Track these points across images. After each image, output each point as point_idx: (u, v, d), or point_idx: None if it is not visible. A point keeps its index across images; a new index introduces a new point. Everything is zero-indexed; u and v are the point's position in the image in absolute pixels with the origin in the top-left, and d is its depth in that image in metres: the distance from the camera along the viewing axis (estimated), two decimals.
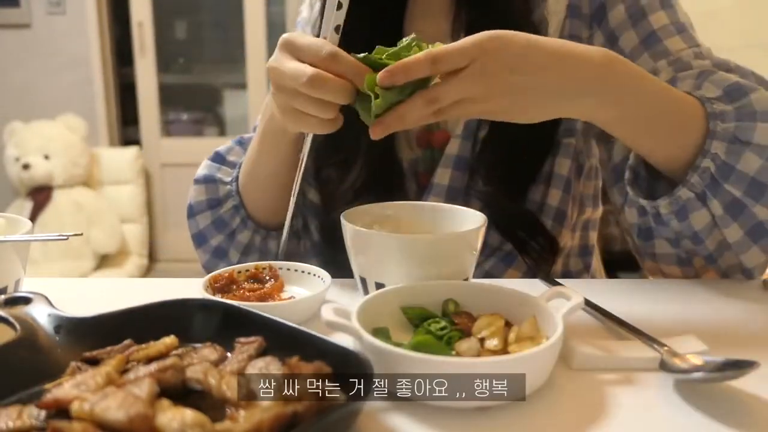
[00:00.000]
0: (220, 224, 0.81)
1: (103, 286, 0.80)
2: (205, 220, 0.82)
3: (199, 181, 0.83)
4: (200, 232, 0.83)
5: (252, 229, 0.81)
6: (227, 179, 0.82)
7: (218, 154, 0.85)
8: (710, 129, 0.62)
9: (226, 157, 0.84)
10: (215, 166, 0.83)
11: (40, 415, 0.37)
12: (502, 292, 0.54)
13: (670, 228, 0.67)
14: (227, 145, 0.86)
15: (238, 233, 0.81)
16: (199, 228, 0.83)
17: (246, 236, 0.81)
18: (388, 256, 0.58)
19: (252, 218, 0.81)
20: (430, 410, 0.43)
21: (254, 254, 0.82)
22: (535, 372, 0.44)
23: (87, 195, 3.11)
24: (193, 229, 0.83)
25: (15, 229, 0.62)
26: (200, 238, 0.83)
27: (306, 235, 0.86)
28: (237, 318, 0.49)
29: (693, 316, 0.61)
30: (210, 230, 0.82)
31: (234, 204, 0.81)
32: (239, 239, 0.81)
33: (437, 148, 0.82)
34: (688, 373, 0.46)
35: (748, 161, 0.62)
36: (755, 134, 0.62)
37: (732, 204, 0.63)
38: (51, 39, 3.27)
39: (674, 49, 0.74)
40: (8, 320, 0.47)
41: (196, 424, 0.33)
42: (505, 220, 0.79)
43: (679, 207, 0.65)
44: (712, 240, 0.67)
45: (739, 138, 0.62)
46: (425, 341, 0.47)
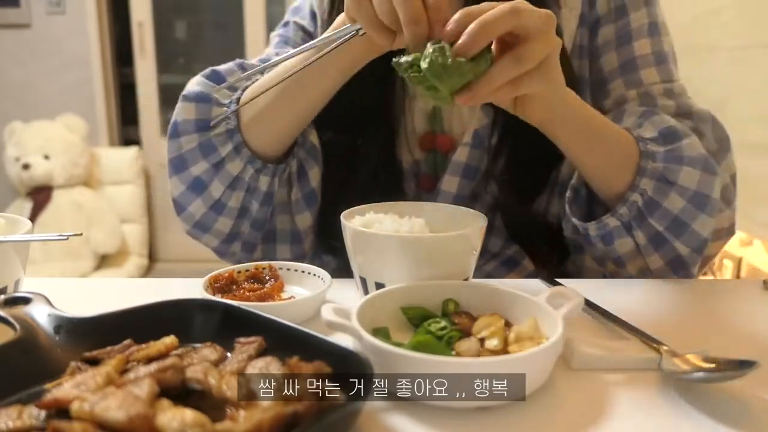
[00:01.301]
0: (208, 149, 0.72)
1: (103, 286, 0.80)
2: (190, 143, 0.72)
3: (189, 97, 0.73)
4: (181, 155, 0.73)
5: (246, 158, 0.72)
6: (224, 101, 0.73)
7: (216, 72, 0.76)
8: (641, 166, 0.67)
9: (226, 77, 0.75)
10: (211, 84, 0.74)
11: (40, 415, 0.37)
12: (502, 292, 0.54)
13: (597, 248, 0.72)
14: (227, 66, 0.77)
15: (227, 161, 0.72)
16: (181, 151, 0.73)
17: (236, 166, 0.72)
18: (388, 256, 0.58)
19: (248, 146, 0.72)
20: (430, 410, 0.43)
21: (240, 189, 0.74)
22: (535, 372, 0.44)
23: (87, 195, 3.11)
24: (172, 152, 0.74)
25: (15, 229, 0.62)
26: (179, 164, 0.74)
27: (300, 183, 0.78)
28: (237, 318, 0.49)
29: (693, 316, 0.61)
30: (194, 155, 0.73)
31: (228, 128, 0.72)
32: (228, 169, 0.72)
33: (440, 151, 0.82)
34: (688, 373, 0.46)
35: (673, 201, 0.67)
36: (680, 176, 0.67)
37: (655, 236, 0.69)
38: (51, 39, 3.27)
39: (647, 80, 0.77)
40: (8, 320, 0.47)
41: (196, 424, 0.33)
42: (516, 226, 0.79)
43: (605, 232, 0.70)
44: (634, 265, 0.72)
45: (667, 178, 0.67)
46: (425, 341, 0.47)
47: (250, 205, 0.75)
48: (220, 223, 0.76)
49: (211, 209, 0.74)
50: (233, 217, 0.75)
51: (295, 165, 0.76)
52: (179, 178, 0.74)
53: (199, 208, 0.75)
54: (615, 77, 0.78)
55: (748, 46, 1.75)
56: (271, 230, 0.79)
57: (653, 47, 0.78)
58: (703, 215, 0.67)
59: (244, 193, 0.74)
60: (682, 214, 0.67)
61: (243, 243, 0.79)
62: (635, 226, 0.68)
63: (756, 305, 0.65)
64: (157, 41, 3.39)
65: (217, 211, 0.75)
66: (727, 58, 1.85)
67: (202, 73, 0.75)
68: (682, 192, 0.67)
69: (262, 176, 0.73)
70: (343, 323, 0.46)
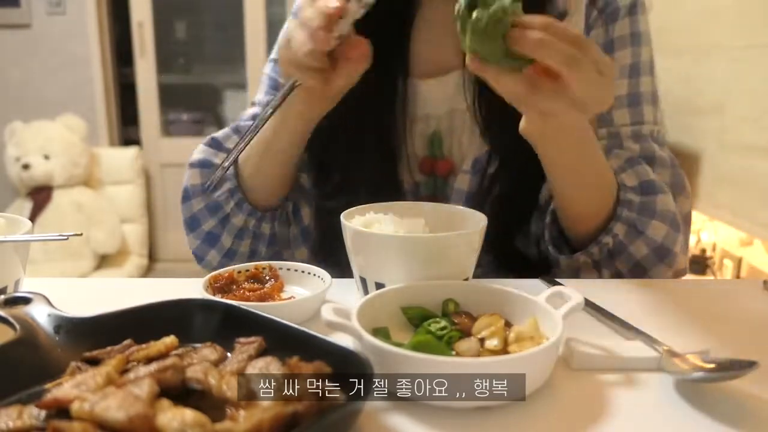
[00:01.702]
0: (214, 208, 0.81)
1: (103, 286, 0.80)
2: (198, 204, 0.82)
3: (194, 165, 0.83)
4: (193, 215, 0.82)
5: (247, 212, 0.81)
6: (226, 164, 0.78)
7: (215, 140, 0.84)
8: (617, 213, 0.72)
9: (223, 143, 0.84)
10: (211, 151, 0.83)
11: (40, 415, 0.37)
12: (502, 292, 0.54)
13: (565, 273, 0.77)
14: (224, 131, 0.86)
15: (232, 216, 0.81)
16: (193, 212, 0.82)
17: (240, 220, 0.81)
18: (388, 256, 0.58)
19: (248, 201, 0.81)
20: (430, 410, 0.43)
21: (247, 237, 0.82)
22: (535, 372, 0.44)
23: (87, 195, 3.11)
24: (186, 213, 0.83)
25: (15, 229, 0.62)
26: (193, 223, 0.83)
27: (295, 221, 0.85)
28: (237, 318, 0.49)
29: (693, 316, 0.61)
30: (203, 214, 0.82)
31: (230, 187, 0.80)
32: (233, 222, 0.81)
33: (440, 176, 0.84)
34: (688, 373, 0.46)
35: (638, 248, 0.73)
36: (649, 228, 0.73)
37: (617, 274, 0.75)
38: (51, 39, 3.27)
39: (618, 121, 0.80)
40: (8, 320, 0.47)
41: (196, 424, 0.33)
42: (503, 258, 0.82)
43: (575, 266, 0.75)
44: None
45: (637, 227, 0.73)
46: (425, 341, 0.47)
47: (258, 248, 0.84)
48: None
49: (224, 257, 0.84)
50: (245, 259, 0.83)
51: (291, 206, 0.85)
52: (194, 235, 0.83)
53: (215, 257, 0.84)
54: None
55: (748, 46, 1.75)
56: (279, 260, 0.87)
57: (630, 88, 0.80)
58: (662, 265, 0.74)
59: (251, 239, 0.83)
60: (644, 261, 0.74)
61: None
62: (603, 265, 0.75)
63: (756, 305, 0.65)
64: (157, 41, 3.39)
65: (231, 257, 0.84)
66: (727, 58, 1.85)
67: (203, 141, 0.85)
68: (648, 242, 0.73)
69: (264, 223, 0.82)
70: (343, 323, 0.46)
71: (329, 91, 0.69)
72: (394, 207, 0.66)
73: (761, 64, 1.68)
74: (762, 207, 1.71)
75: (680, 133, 2.02)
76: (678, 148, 2.00)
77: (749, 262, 2.03)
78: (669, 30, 2.07)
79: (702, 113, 1.96)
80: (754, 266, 1.99)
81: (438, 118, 0.83)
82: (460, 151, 0.82)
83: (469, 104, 0.80)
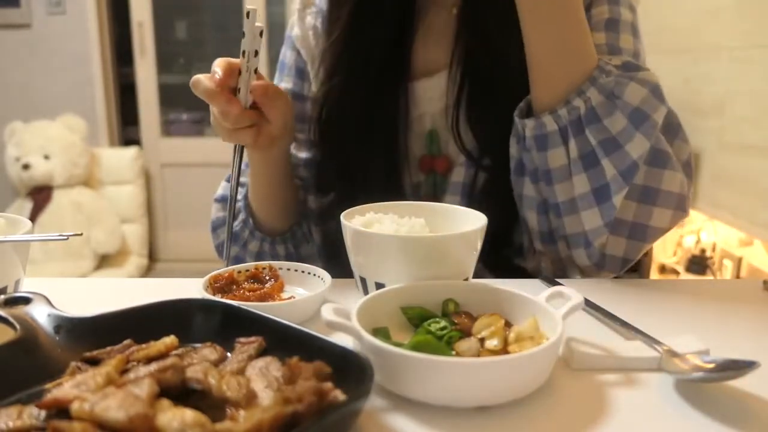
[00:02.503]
0: (234, 237, 0.89)
1: (103, 286, 0.80)
2: (223, 234, 0.88)
3: (217, 200, 0.93)
4: (221, 243, 0.89)
5: (259, 238, 0.89)
6: (239, 198, 0.88)
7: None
8: (593, 76, 0.68)
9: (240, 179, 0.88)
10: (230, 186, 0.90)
11: (40, 415, 0.37)
12: (502, 292, 0.54)
13: (532, 157, 0.72)
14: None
15: (248, 243, 0.89)
16: (219, 240, 0.92)
17: (255, 245, 0.89)
18: (388, 256, 0.58)
19: (259, 229, 0.89)
20: (430, 410, 0.43)
21: (266, 258, 0.89)
22: (535, 372, 0.44)
23: (87, 195, 3.11)
24: (215, 242, 0.94)
25: (15, 229, 0.62)
26: (221, 250, 0.88)
27: (312, 238, 0.92)
28: (237, 318, 0.49)
29: (693, 316, 0.61)
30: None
31: (243, 218, 0.88)
32: (250, 248, 0.90)
33: (440, 173, 0.85)
34: (688, 373, 0.46)
35: (614, 121, 0.66)
36: (626, 91, 0.66)
37: (587, 154, 0.68)
38: (51, 39, 3.27)
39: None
40: (8, 320, 0.47)
41: (196, 424, 0.33)
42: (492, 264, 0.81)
43: (541, 134, 0.70)
44: (562, 189, 0.70)
45: (613, 92, 0.67)
46: (425, 341, 0.47)
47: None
48: None
49: None
50: None
51: (305, 226, 0.92)
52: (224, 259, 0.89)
53: None
54: None
55: (748, 46, 1.75)
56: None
57: (608, 40, 0.77)
58: (638, 134, 0.66)
59: (269, 259, 0.89)
60: (620, 135, 0.66)
61: None
62: (571, 134, 0.68)
63: (756, 305, 0.65)
64: (157, 41, 3.39)
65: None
66: (727, 58, 1.85)
67: (225, 177, 0.93)
68: (624, 108, 0.66)
69: (278, 246, 0.90)
70: (343, 323, 0.46)
71: (273, 132, 0.76)
72: (394, 207, 0.66)
73: (761, 64, 1.68)
74: (762, 207, 1.71)
75: None
76: None
77: (749, 262, 2.03)
78: (669, 30, 2.07)
79: (702, 113, 1.96)
80: (754, 266, 1.99)
81: (433, 116, 0.85)
82: (456, 147, 0.83)
83: (450, 103, 0.81)
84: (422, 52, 0.85)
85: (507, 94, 0.76)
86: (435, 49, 0.84)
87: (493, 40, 0.78)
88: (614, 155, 0.67)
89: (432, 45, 0.85)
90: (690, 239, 2.32)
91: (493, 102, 0.79)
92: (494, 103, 0.79)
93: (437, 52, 0.84)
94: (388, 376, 0.44)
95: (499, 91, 0.79)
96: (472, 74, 0.81)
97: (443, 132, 0.84)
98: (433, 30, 0.85)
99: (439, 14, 0.85)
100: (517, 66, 0.72)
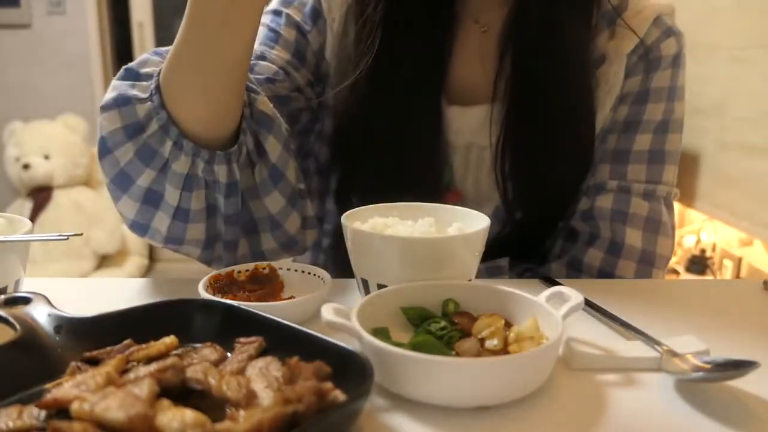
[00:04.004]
0: (146, 154, 0.61)
1: (103, 286, 0.80)
2: (126, 154, 0.61)
3: (108, 106, 0.61)
4: (121, 171, 0.62)
5: (191, 151, 0.60)
6: (145, 95, 0.61)
7: (129, 69, 0.64)
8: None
9: (140, 70, 0.63)
10: (127, 83, 0.62)
11: (40, 415, 0.37)
12: (502, 292, 0.54)
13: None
14: (140, 58, 0.65)
15: (172, 161, 0.61)
16: (120, 166, 0.62)
17: (184, 163, 0.61)
18: (390, 257, 0.58)
19: (188, 135, 0.61)
20: (430, 410, 0.43)
21: (198, 188, 0.62)
22: (535, 372, 0.44)
23: (87, 195, 3.11)
24: (111, 170, 0.62)
25: (15, 229, 0.62)
26: (124, 181, 0.62)
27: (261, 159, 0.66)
28: (237, 318, 0.49)
29: (693, 316, 0.61)
30: (135, 165, 0.61)
31: (160, 123, 0.60)
32: (175, 169, 0.61)
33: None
34: (688, 373, 0.46)
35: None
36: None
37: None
38: (51, 39, 3.27)
39: (632, 176, 0.76)
40: (8, 320, 0.47)
41: (196, 424, 0.33)
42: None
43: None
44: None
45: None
46: (425, 341, 0.47)
47: (215, 202, 0.65)
48: (191, 231, 0.65)
49: (175, 218, 0.64)
50: (202, 219, 0.65)
51: (251, 141, 0.64)
52: (129, 197, 0.63)
53: (163, 221, 0.64)
54: (605, 160, 0.78)
55: (748, 46, 1.75)
56: (249, 221, 0.69)
57: (654, 144, 0.76)
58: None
59: (203, 190, 0.63)
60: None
61: (224, 244, 0.69)
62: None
63: (756, 305, 0.65)
64: (157, 41, 3.39)
65: (183, 219, 0.64)
66: (727, 58, 1.85)
67: (117, 75, 0.64)
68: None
69: (216, 166, 0.62)
70: (343, 323, 0.46)
71: None
72: (396, 208, 0.66)
73: (761, 64, 1.68)
74: (762, 207, 1.71)
75: None
76: None
77: (749, 262, 2.03)
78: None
79: (702, 113, 1.96)
80: (754, 266, 1.99)
81: (455, 148, 0.80)
82: (475, 186, 0.80)
83: (492, 143, 0.76)
84: (458, 75, 0.79)
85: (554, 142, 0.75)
86: (472, 76, 0.78)
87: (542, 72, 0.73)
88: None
89: (468, 71, 0.79)
90: (690, 239, 2.32)
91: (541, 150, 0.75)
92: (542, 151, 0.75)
93: (474, 80, 0.78)
94: (388, 376, 0.44)
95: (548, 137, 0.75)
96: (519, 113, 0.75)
97: (460, 167, 0.80)
98: (470, 53, 0.79)
99: (468, 31, 0.79)
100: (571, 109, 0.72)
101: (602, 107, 0.76)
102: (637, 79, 0.76)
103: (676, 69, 0.77)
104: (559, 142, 0.75)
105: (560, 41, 0.72)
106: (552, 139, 0.75)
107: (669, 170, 0.77)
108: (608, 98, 0.76)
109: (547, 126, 0.75)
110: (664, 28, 0.77)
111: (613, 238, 0.75)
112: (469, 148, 0.79)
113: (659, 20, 0.77)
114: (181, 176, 0.61)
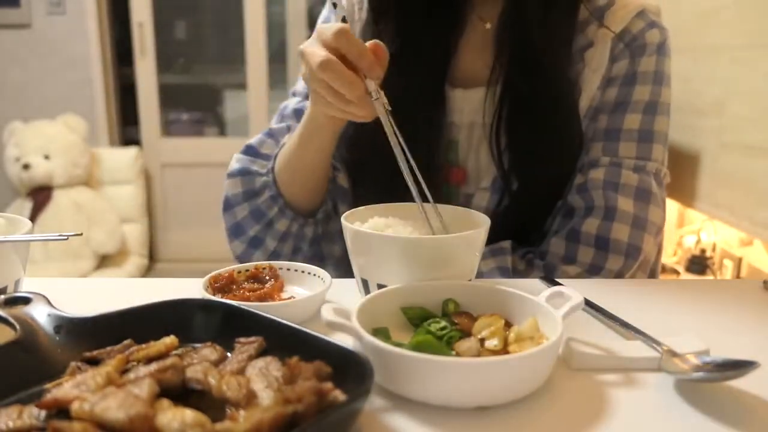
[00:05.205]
0: (257, 214, 0.84)
1: (103, 286, 0.80)
2: (242, 212, 0.85)
3: (233, 174, 0.85)
4: (237, 223, 0.85)
5: (290, 217, 0.84)
6: (263, 171, 0.84)
7: (251, 147, 0.86)
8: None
9: (259, 149, 0.86)
10: (248, 158, 0.86)
11: (40, 415, 0.37)
12: (502, 292, 0.54)
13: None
14: (258, 138, 0.87)
15: (276, 222, 0.84)
16: (236, 219, 0.85)
17: (284, 224, 0.84)
18: (390, 258, 0.58)
19: (290, 207, 0.84)
20: (430, 410, 0.43)
21: (290, 240, 0.85)
22: (535, 372, 0.44)
23: (87, 195, 3.11)
24: (229, 222, 0.86)
25: (15, 229, 0.62)
26: (237, 230, 0.85)
27: (336, 217, 0.88)
28: (237, 318, 0.49)
29: (693, 316, 0.61)
30: (248, 221, 0.85)
31: (271, 194, 0.83)
32: (277, 227, 0.84)
33: (453, 184, 0.86)
34: (688, 373, 0.46)
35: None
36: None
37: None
38: (51, 39, 3.27)
39: (623, 153, 0.81)
40: (8, 320, 0.47)
41: (196, 424, 0.33)
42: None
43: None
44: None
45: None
46: (425, 341, 0.47)
47: (300, 246, 0.87)
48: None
49: (269, 258, 0.86)
50: (288, 258, 0.87)
51: (330, 205, 0.87)
52: (240, 241, 0.87)
53: (259, 258, 0.87)
54: (597, 139, 0.82)
55: (748, 46, 1.75)
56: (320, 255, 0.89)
57: (643, 125, 0.81)
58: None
59: (293, 242, 0.86)
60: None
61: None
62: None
63: (756, 305, 0.65)
64: (157, 41, 3.39)
65: (275, 258, 0.86)
66: (727, 58, 1.85)
67: (241, 150, 0.87)
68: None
69: (307, 227, 0.85)
70: (343, 323, 0.46)
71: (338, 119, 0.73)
72: (397, 208, 0.66)
73: (761, 64, 1.68)
74: (762, 207, 1.71)
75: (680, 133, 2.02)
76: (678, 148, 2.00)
77: (749, 262, 2.03)
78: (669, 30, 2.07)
79: (702, 113, 1.96)
80: (754, 266, 1.99)
81: (459, 127, 0.86)
82: (476, 163, 0.85)
83: (486, 122, 0.82)
84: (461, 60, 0.86)
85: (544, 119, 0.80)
86: (474, 61, 0.86)
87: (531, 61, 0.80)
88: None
89: (471, 56, 0.86)
90: (690, 239, 2.32)
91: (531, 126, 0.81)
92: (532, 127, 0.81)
93: (475, 64, 0.85)
94: (388, 376, 0.44)
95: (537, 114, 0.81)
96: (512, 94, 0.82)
97: (464, 144, 0.86)
98: (474, 39, 0.86)
99: (476, 28, 0.86)
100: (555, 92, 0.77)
101: (589, 84, 0.82)
102: (624, 62, 0.82)
103: (661, 57, 0.83)
104: (548, 118, 0.81)
105: (547, 34, 0.80)
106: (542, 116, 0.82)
107: (657, 149, 0.82)
108: (594, 76, 0.82)
109: (536, 105, 0.82)
110: (648, 21, 0.83)
111: (607, 204, 0.78)
112: (472, 127, 0.85)
113: (643, 13, 0.83)
114: (280, 232, 0.85)
